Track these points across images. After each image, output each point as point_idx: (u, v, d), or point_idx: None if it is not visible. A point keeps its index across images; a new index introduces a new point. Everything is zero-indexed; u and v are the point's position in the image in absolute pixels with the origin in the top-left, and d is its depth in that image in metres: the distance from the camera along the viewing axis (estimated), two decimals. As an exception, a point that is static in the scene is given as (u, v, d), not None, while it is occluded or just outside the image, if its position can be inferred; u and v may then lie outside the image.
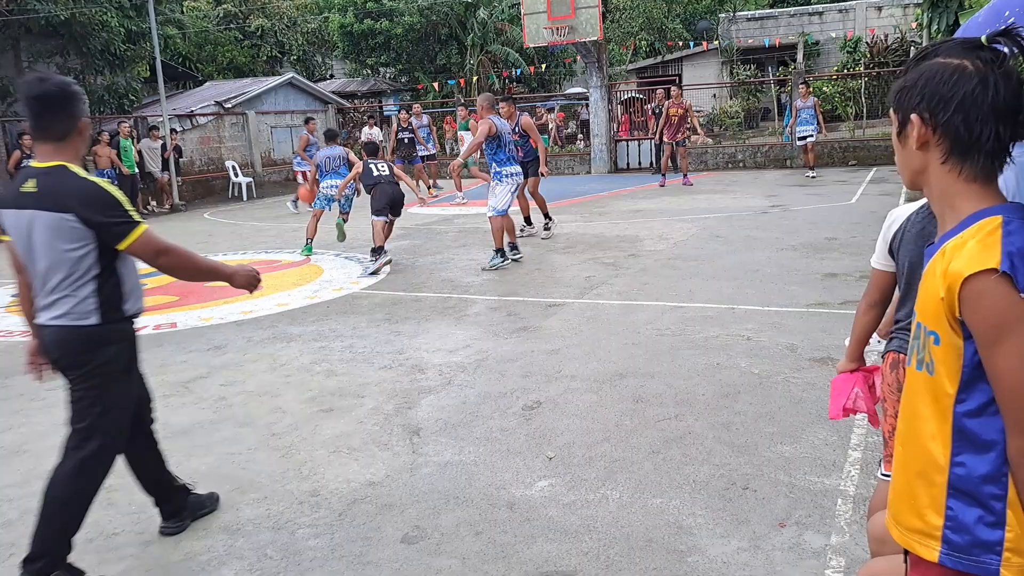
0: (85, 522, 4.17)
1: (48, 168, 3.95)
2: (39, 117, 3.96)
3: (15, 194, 3.97)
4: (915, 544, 1.89)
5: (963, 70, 1.80)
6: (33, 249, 3.96)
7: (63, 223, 3.87)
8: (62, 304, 3.98)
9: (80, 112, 4.07)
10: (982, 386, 1.75)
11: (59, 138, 3.98)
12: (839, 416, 3.39)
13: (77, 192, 3.90)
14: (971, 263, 1.70)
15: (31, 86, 3.95)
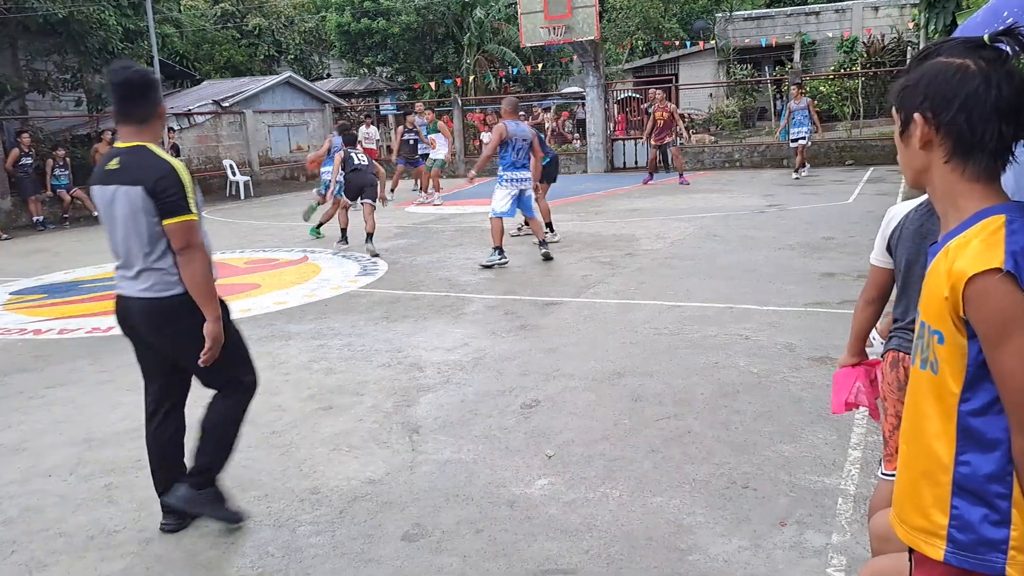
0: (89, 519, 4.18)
1: (130, 148, 4.28)
2: (123, 102, 4.28)
3: (102, 172, 4.31)
4: (920, 543, 1.90)
5: (966, 69, 1.81)
6: (115, 222, 4.27)
7: (138, 196, 4.15)
8: (146, 277, 4.26)
9: (159, 98, 4.44)
10: (986, 385, 1.76)
11: (141, 121, 4.31)
12: (841, 410, 3.41)
13: (151, 168, 4.18)
14: (975, 262, 1.71)
15: (117, 74, 4.30)
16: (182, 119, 26.41)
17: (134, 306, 4.31)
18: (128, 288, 4.32)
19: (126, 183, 4.17)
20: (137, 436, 5.98)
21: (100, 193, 4.31)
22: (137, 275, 4.27)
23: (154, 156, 4.24)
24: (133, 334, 4.47)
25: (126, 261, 4.31)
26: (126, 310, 4.38)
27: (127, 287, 4.33)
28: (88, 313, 10.21)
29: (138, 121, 4.31)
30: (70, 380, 7.45)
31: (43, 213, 20.25)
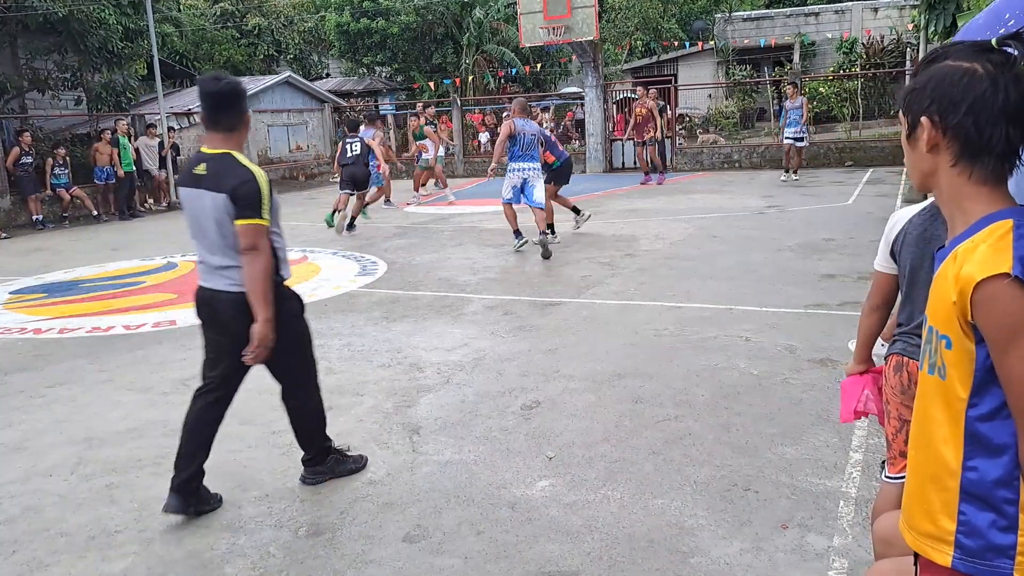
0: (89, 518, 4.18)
1: (217, 155, 4.59)
2: (213, 112, 4.60)
3: (189, 175, 4.65)
4: (928, 549, 1.90)
5: (973, 73, 1.81)
6: (201, 223, 4.59)
7: (224, 202, 4.46)
8: (228, 273, 4.58)
9: (245, 107, 4.74)
10: (994, 390, 1.76)
11: (228, 130, 4.63)
12: (851, 418, 3.40)
13: (234, 175, 4.49)
14: (983, 267, 1.70)
15: (209, 85, 4.58)
16: (182, 118, 26.40)
17: (215, 298, 4.64)
18: (210, 281, 4.66)
19: (212, 189, 4.49)
20: (138, 436, 6.00)
21: (187, 194, 4.65)
22: (219, 270, 4.60)
23: (238, 164, 4.55)
24: (209, 322, 4.77)
25: (209, 256, 4.64)
26: (206, 300, 4.71)
27: (209, 280, 4.66)
28: (88, 312, 10.20)
29: (226, 129, 4.62)
30: (70, 379, 7.45)
31: (42, 212, 20.23)
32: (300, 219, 18.30)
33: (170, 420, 6.24)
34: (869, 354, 3.48)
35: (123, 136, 21.47)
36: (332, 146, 31.50)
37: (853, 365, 3.51)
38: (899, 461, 3.17)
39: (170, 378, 7.29)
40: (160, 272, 12.91)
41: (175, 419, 6.19)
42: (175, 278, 12.30)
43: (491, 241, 14.09)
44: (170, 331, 9.03)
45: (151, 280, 12.25)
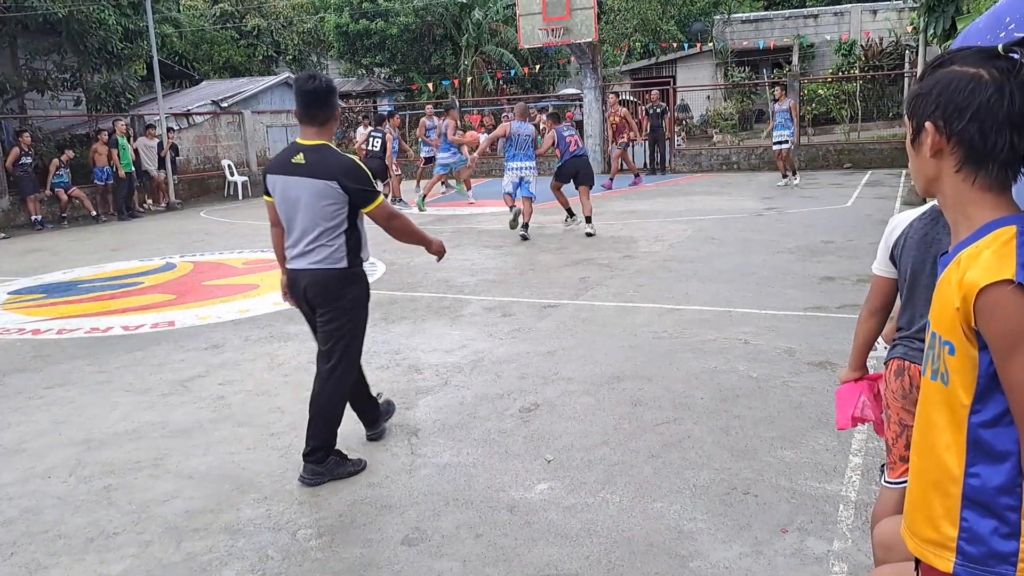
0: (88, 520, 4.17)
1: (314, 146, 5.05)
2: (309, 107, 5.04)
3: (286, 164, 5.07)
4: (929, 555, 1.89)
5: (979, 79, 1.80)
6: (298, 208, 5.03)
7: (328, 188, 4.95)
8: (320, 252, 5.06)
9: (336, 103, 5.20)
10: (997, 397, 1.75)
11: (322, 123, 5.11)
12: (848, 426, 3.39)
13: (340, 165, 5.01)
14: (986, 273, 1.70)
15: (304, 83, 5.04)
16: (181, 119, 26.37)
17: (303, 276, 5.12)
18: (299, 262, 5.11)
19: (314, 176, 4.96)
20: (136, 437, 6.00)
21: (283, 182, 5.08)
22: (311, 250, 5.06)
23: (338, 154, 5.09)
24: (304, 302, 5.25)
25: (300, 239, 5.08)
26: (296, 281, 5.19)
27: (298, 261, 5.12)
28: (87, 313, 10.19)
29: (320, 123, 5.09)
30: (69, 380, 7.44)
31: (41, 212, 20.22)
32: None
33: (169, 422, 6.25)
34: (864, 360, 3.46)
35: (122, 136, 21.44)
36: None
37: (848, 372, 3.50)
38: (899, 466, 3.16)
39: (169, 379, 7.28)
40: (159, 273, 12.90)
41: (173, 421, 6.22)
42: (174, 279, 12.29)
43: (490, 242, 14.08)
44: (169, 332, 9.02)
45: (150, 281, 12.24)
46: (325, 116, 5.10)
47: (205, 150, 27.16)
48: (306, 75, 5.09)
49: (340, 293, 5.15)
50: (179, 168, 24.85)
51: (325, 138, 5.12)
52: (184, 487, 5.13)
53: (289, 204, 5.07)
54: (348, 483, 5.09)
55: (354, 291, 5.22)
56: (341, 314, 5.18)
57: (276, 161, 5.22)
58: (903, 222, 3.21)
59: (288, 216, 5.11)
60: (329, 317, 5.18)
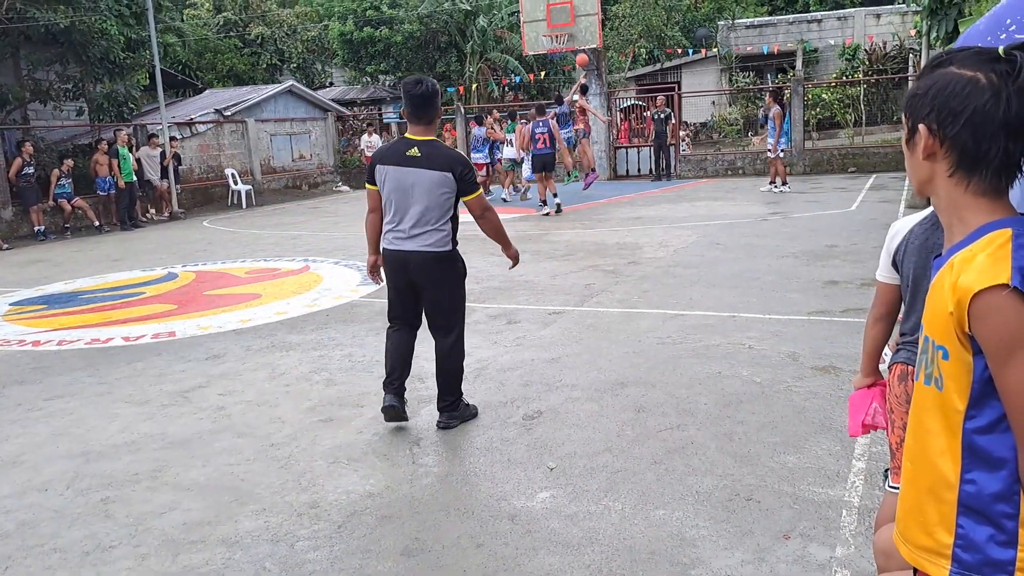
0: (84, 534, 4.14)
1: (426, 141, 5.82)
2: (420, 108, 5.80)
3: (400, 155, 5.79)
4: (924, 562, 1.85)
5: (976, 83, 1.75)
6: (412, 195, 5.76)
7: (444, 178, 5.75)
8: (431, 235, 5.81)
9: (440, 104, 5.95)
10: (993, 402, 1.71)
11: (429, 121, 5.88)
12: (859, 433, 3.34)
13: (453, 158, 5.86)
14: (981, 278, 1.65)
15: (413, 87, 5.78)
16: (184, 128, 26.40)
17: (413, 257, 5.82)
18: (408, 244, 5.81)
19: (433, 168, 5.71)
20: (135, 449, 5.96)
21: (397, 172, 5.78)
22: (422, 234, 5.79)
23: (449, 149, 6.00)
24: (405, 279, 5.94)
25: (414, 225, 5.79)
26: (403, 261, 5.87)
27: (407, 244, 5.82)
28: (87, 324, 10.17)
29: (428, 121, 5.85)
30: (68, 392, 7.41)
31: (44, 223, 20.23)
32: (302, 228, 18.33)
33: (168, 433, 6.21)
34: (876, 366, 3.42)
35: (123, 147, 21.43)
36: (335, 155, 31.53)
37: (860, 378, 3.45)
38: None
39: (168, 390, 7.25)
40: (160, 283, 12.89)
41: (172, 432, 6.19)
42: (175, 289, 12.27)
43: (494, 249, 13.98)
44: (169, 342, 8.99)
45: (151, 291, 12.22)
46: (432, 115, 5.85)
47: (208, 159, 27.19)
48: (414, 80, 5.81)
49: (449, 272, 5.95)
50: (182, 177, 24.88)
51: (432, 134, 5.88)
52: (182, 499, 5.09)
53: (403, 192, 5.76)
54: (347, 494, 5.05)
55: (459, 269, 6.04)
56: (453, 290, 6.03)
57: (388, 153, 5.92)
58: (903, 228, 3.18)
59: (399, 203, 5.80)
60: (441, 294, 5.98)
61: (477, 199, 5.96)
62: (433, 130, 5.93)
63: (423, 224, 5.79)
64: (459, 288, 6.12)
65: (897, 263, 3.16)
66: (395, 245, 5.89)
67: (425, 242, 5.80)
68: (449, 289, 6.02)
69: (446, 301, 6.04)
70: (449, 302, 6.06)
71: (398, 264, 5.91)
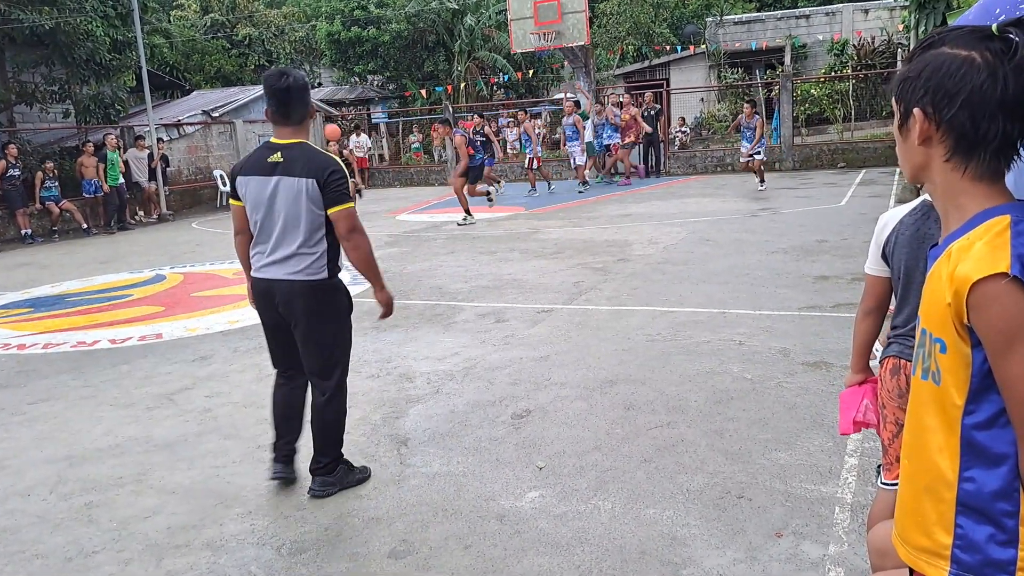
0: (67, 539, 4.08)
1: (291, 144, 4.77)
2: (284, 106, 4.77)
3: (261, 163, 4.77)
4: (922, 563, 1.79)
5: (971, 62, 1.69)
6: (274, 211, 4.75)
7: (308, 187, 4.67)
8: (300, 260, 4.77)
9: (311, 100, 4.94)
10: (992, 396, 1.65)
11: (299, 121, 4.83)
12: (851, 431, 3.28)
13: (320, 162, 4.71)
14: (979, 267, 1.59)
15: (276, 80, 4.76)
16: (171, 129, 26.28)
17: (280, 287, 4.80)
18: (274, 271, 4.80)
19: (293, 175, 4.67)
20: (119, 452, 5.89)
21: (257, 183, 4.75)
22: (288, 259, 4.76)
23: (318, 152, 4.80)
24: (273, 313, 4.95)
25: (277, 246, 4.77)
26: (268, 291, 4.86)
27: (273, 270, 4.80)
28: (73, 327, 10.08)
29: (297, 121, 4.81)
30: (53, 395, 7.33)
31: (31, 226, 20.11)
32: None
33: (153, 436, 6.14)
34: (867, 362, 3.37)
35: (112, 151, 21.28)
36: (324, 155, 31.35)
37: (851, 375, 3.40)
38: (896, 467, 3.07)
39: (154, 393, 7.17)
40: (148, 285, 12.79)
41: (158, 435, 6.12)
42: (163, 290, 12.18)
43: (484, 249, 14.00)
44: (156, 344, 8.91)
45: (138, 293, 12.13)
46: (301, 114, 4.83)
47: (196, 160, 27.07)
48: (276, 72, 4.82)
49: (326, 305, 4.90)
50: (170, 179, 24.78)
51: (302, 136, 4.83)
52: (167, 502, 5.02)
53: (265, 207, 4.75)
54: (333, 496, 4.98)
55: (340, 302, 5.02)
56: (331, 327, 4.97)
57: (248, 161, 4.89)
58: (893, 219, 3.13)
59: (262, 220, 4.79)
60: (316, 331, 4.91)
61: (345, 214, 4.74)
62: (304, 132, 4.87)
63: (289, 245, 4.76)
64: (340, 324, 5.04)
65: (887, 255, 3.11)
66: (260, 272, 4.90)
67: (293, 268, 4.77)
68: (326, 326, 4.95)
69: (322, 340, 4.96)
70: (326, 341, 4.98)
71: (264, 295, 4.92)
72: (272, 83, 4.76)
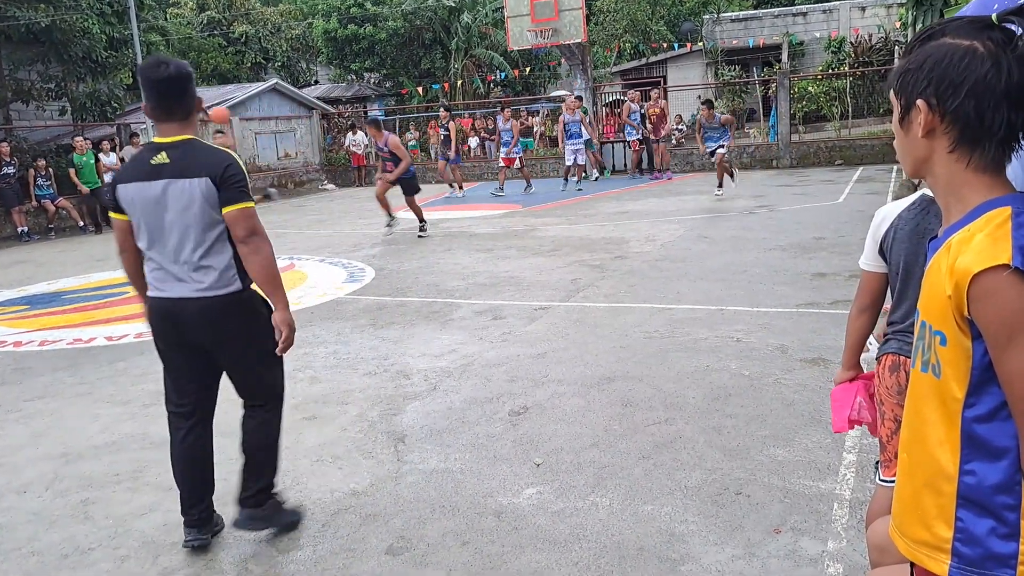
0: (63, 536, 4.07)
1: (178, 142, 4.11)
2: (165, 99, 4.11)
3: (144, 168, 4.09)
4: (923, 557, 1.78)
5: (974, 52, 1.67)
6: (166, 220, 4.07)
7: (203, 187, 4.02)
8: (205, 273, 4.11)
9: (195, 90, 4.25)
10: (993, 389, 1.64)
11: (185, 116, 4.16)
12: (845, 429, 3.27)
13: (214, 158, 4.09)
14: (980, 258, 1.58)
15: (156, 71, 4.06)
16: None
17: (186, 307, 4.13)
18: (176, 289, 4.13)
19: (184, 176, 4.03)
20: (116, 449, 5.87)
21: (142, 191, 4.07)
22: (193, 273, 4.11)
23: (210, 148, 4.19)
24: (177, 338, 4.24)
25: (175, 259, 4.11)
26: (172, 314, 4.18)
27: (175, 288, 4.13)
28: (70, 324, 10.06)
29: (182, 117, 4.16)
30: (49, 393, 7.31)
31: (28, 224, 20.06)
32: (288, 227, 18.21)
33: (149, 433, 6.12)
34: (858, 359, 3.35)
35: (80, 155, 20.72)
36: (321, 153, 31.38)
37: (842, 372, 3.38)
38: (894, 464, 3.05)
39: (150, 390, 7.14)
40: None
41: (153, 432, 6.10)
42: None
43: (481, 246, 13.98)
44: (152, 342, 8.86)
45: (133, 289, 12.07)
46: (187, 107, 4.17)
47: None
48: (153, 61, 4.14)
49: (246, 321, 4.26)
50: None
51: (189, 132, 4.18)
52: (163, 500, 5.00)
53: (154, 216, 4.08)
54: (331, 492, 4.97)
55: (261, 314, 4.30)
56: (258, 344, 4.29)
57: (129, 168, 4.24)
58: (891, 214, 3.11)
59: (153, 232, 4.11)
60: (242, 353, 4.29)
61: (243, 214, 4.09)
62: (191, 127, 4.21)
63: (190, 258, 4.10)
64: (268, 339, 4.24)
65: (885, 250, 3.10)
66: (158, 291, 4.21)
67: (201, 284, 4.11)
68: (253, 344, 4.29)
69: (253, 360, 4.33)
70: (257, 361, 4.34)
71: (169, 318, 4.21)
72: (150, 74, 4.09)
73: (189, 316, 4.15)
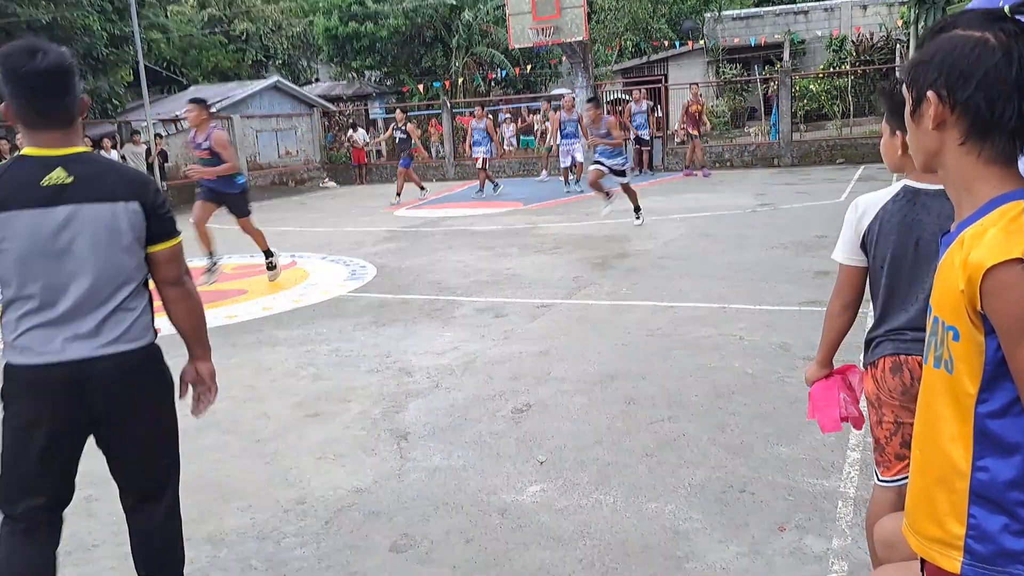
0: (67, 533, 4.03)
1: (76, 155, 3.09)
2: (45, 96, 3.03)
3: (34, 190, 3.00)
4: (935, 554, 1.77)
5: (985, 43, 1.66)
6: (68, 258, 3.05)
7: (127, 214, 3.12)
8: (116, 322, 3.16)
9: (79, 87, 3.17)
10: (1006, 385, 1.63)
11: (70, 121, 3.11)
12: (839, 428, 3.25)
13: (133, 177, 3.24)
14: (993, 253, 1.57)
15: (25, 59, 2.97)
16: (169, 125, 26.24)
17: (98, 370, 3.11)
18: (75, 349, 3.08)
19: (101, 199, 3.07)
20: (118, 446, 5.84)
21: (32, 220, 3.00)
22: (99, 325, 3.12)
23: (119, 164, 3.40)
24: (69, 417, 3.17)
25: (79, 310, 3.09)
26: (75, 382, 3.11)
27: (73, 348, 3.08)
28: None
29: (67, 121, 3.11)
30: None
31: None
32: (289, 224, 18.18)
33: (152, 430, 6.10)
34: (833, 356, 3.32)
35: None
36: (322, 151, 31.40)
37: (817, 369, 3.34)
38: (894, 464, 3.04)
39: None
40: (147, 280, 12.72)
41: (157, 428, 6.07)
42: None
43: (482, 244, 13.97)
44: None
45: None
46: (71, 109, 3.12)
47: (194, 156, 26.99)
48: (24, 48, 3.01)
49: (156, 386, 3.37)
50: (168, 174, 24.72)
51: (77, 142, 3.14)
52: (166, 496, 4.99)
53: (50, 254, 3.02)
54: (335, 490, 4.96)
55: (166, 377, 3.43)
56: (163, 416, 3.42)
57: (10, 191, 3.00)
58: (873, 206, 3.05)
59: (47, 275, 3.04)
60: (149, 427, 3.35)
61: (175, 251, 3.32)
62: (76, 135, 3.15)
63: (102, 306, 3.12)
64: (171, 411, 3.44)
65: (868, 244, 3.04)
66: (59, 355, 3.06)
67: (107, 337, 3.12)
68: (164, 413, 3.41)
69: (162, 435, 3.43)
70: (165, 435, 3.46)
71: (69, 389, 3.10)
72: (21, 65, 2.97)
73: (99, 381, 3.14)
